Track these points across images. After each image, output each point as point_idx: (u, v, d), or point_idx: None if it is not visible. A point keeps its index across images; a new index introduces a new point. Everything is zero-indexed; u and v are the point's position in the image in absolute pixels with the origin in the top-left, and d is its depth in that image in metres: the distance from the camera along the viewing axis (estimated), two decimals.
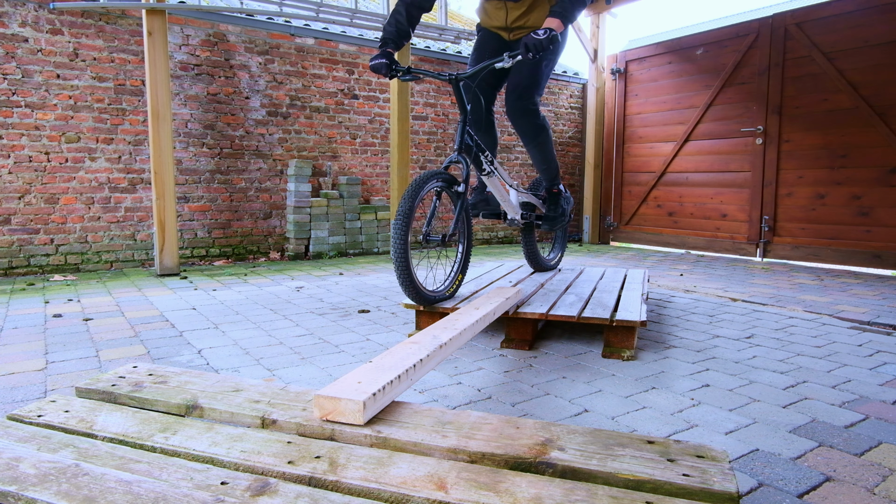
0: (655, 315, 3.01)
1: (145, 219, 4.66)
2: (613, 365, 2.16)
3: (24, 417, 1.19)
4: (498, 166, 2.73)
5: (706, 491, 0.90)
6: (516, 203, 2.90)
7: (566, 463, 0.98)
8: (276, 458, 1.00)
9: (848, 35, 4.84)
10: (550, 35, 2.27)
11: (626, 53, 6.73)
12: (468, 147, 2.48)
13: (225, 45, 4.90)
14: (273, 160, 5.23)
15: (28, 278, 4.12)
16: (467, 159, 2.46)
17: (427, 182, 2.25)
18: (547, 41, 2.27)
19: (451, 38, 5.48)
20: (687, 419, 1.65)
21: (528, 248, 3.22)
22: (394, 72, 2.50)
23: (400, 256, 2.16)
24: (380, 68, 2.49)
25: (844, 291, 3.79)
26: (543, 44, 2.27)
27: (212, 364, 2.16)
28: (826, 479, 1.31)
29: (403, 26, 2.55)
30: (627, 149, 6.79)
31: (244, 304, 3.26)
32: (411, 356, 1.42)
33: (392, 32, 2.54)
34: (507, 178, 2.81)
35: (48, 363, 2.14)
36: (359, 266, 4.85)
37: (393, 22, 2.55)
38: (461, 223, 2.47)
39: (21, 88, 4.14)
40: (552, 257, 3.45)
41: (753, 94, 5.50)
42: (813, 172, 5.12)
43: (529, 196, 3.04)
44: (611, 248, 6.71)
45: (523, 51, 2.30)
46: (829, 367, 2.16)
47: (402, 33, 2.56)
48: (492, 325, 2.68)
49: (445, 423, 1.13)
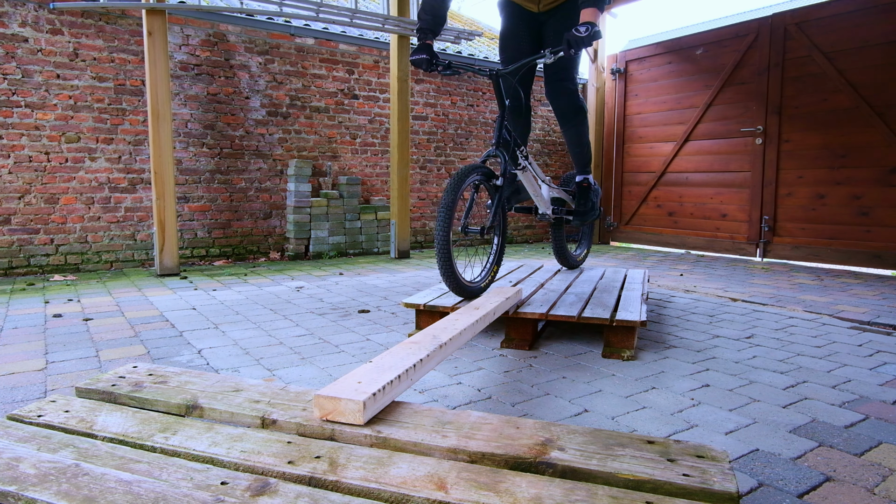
0: (655, 315, 3.01)
1: (145, 219, 4.66)
2: (613, 365, 2.16)
3: (24, 417, 1.19)
4: (532, 161, 2.75)
5: (706, 491, 0.90)
6: (548, 198, 2.91)
7: (566, 463, 0.98)
8: (276, 458, 1.00)
9: (848, 35, 4.84)
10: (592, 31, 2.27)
11: (626, 53, 6.73)
12: (506, 142, 2.50)
13: (225, 45, 4.90)
14: (273, 160, 5.23)
15: (28, 278, 4.12)
16: (505, 154, 2.49)
17: (469, 175, 2.28)
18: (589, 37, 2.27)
19: (451, 39, 5.48)
20: (687, 419, 1.65)
21: (557, 243, 3.25)
22: (434, 66, 2.46)
23: (442, 248, 2.21)
24: (420, 63, 2.45)
25: (844, 291, 3.79)
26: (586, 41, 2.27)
27: (212, 364, 2.16)
28: (826, 479, 1.31)
29: (439, 11, 2.50)
30: (627, 149, 6.79)
31: (244, 304, 3.26)
32: (411, 356, 1.42)
33: (429, 21, 2.48)
34: (539, 173, 2.83)
35: (48, 363, 2.14)
36: (359, 266, 4.85)
37: (428, 8, 2.49)
38: (498, 216, 2.51)
39: (21, 88, 4.14)
40: (578, 253, 3.48)
41: (753, 94, 5.50)
42: (813, 172, 5.12)
43: (560, 191, 3.04)
44: (611, 248, 6.71)
45: (566, 47, 2.29)
46: (829, 367, 2.16)
47: (438, 19, 2.50)
48: (492, 325, 2.68)
49: (445, 423, 1.13)
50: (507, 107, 2.50)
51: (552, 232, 3.25)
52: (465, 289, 2.38)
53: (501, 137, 2.47)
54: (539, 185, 2.82)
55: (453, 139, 6.43)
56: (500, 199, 2.46)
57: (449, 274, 2.27)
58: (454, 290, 2.36)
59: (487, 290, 2.56)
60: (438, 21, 2.51)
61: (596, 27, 2.29)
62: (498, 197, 2.46)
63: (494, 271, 2.58)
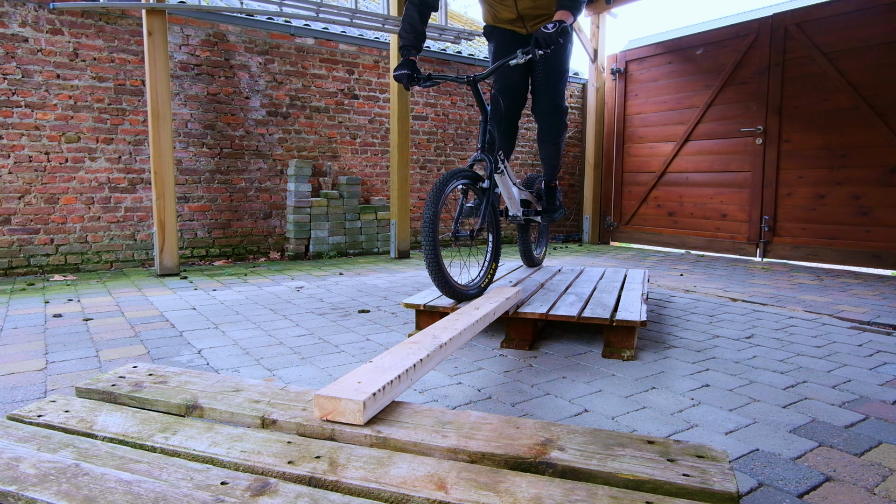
0: (655, 315, 3.01)
1: (145, 219, 4.66)
2: (613, 365, 2.16)
3: (24, 417, 1.19)
4: (508, 165, 2.78)
5: (706, 491, 0.90)
6: (518, 200, 2.94)
7: (566, 463, 0.98)
8: (276, 458, 1.00)
9: (848, 35, 4.84)
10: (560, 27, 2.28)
11: (626, 53, 6.73)
12: (490, 145, 2.54)
13: (225, 45, 4.90)
14: (273, 160, 5.23)
15: (28, 278, 4.12)
16: (490, 157, 2.53)
17: (447, 185, 2.29)
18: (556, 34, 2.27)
19: (451, 38, 5.48)
20: (687, 419, 1.65)
21: (524, 245, 3.37)
22: (416, 81, 2.52)
23: (431, 261, 2.24)
24: (401, 79, 2.52)
25: (844, 291, 3.79)
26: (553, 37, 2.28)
27: (212, 364, 2.16)
28: (826, 479, 1.31)
29: (418, 27, 2.56)
30: (627, 149, 6.79)
31: (244, 304, 3.26)
32: (411, 356, 1.42)
33: (410, 38, 2.55)
34: (513, 177, 2.86)
35: (48, 363, 2.14)
36: (359, 266, 4.85)
37: (408, 27, 2.55)
38: (489, 217, 2.54)
39: (21, 88, 4.14)
40: (539, 252, 3.61)
41: (753, 94, 5.49)
42: (813, 172, 5.12)
43: (527, 193, 3.10)
44: (611, 248, 6.71)
45: (534, 45, 2.31)
46: (829, 367, 2.15)
47: (419, 35, 2.57)
48: (492, 325, 2.68)
49: (445, 423, 1.13)
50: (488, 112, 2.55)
51: (520, 234, 3.34)
52: (462, 293, 2.39)
53: (486, 141, 2.53)
54: (512, 188, 2.85)
55: (453, 139, 6.43)
56: (489, 201, 2.50)
57: (442, 283, 2.29)
58: (449, 296, 2.37)
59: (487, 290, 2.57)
60: (419, 37, 2.57)
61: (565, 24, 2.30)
62: (487, 198, 2.49)
63: (493, 270, 2.59)
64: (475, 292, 2.46)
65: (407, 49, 2.55)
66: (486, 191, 2.49)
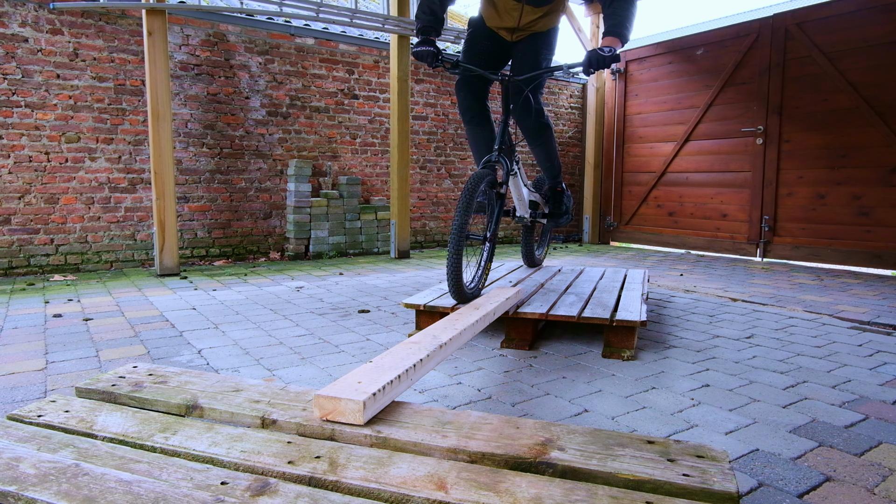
0: (655, 315, 3.01)
1: (145, 219, 4.66)
2: (613, 365, 2.16)
3: (24, 417, 1.19)
4: (520, 166, 2.77)
5: (706, 491, 0.90)
6: (528, 201, 2.93)
7: (566, 463, 0.98)
8: (276, 458, 1.00)
9: (848, 35, 4.84)
10: (614, 53, 2.25)
11: (626, 53, 6.73)
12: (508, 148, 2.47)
13: (225, 45, 4.90)
14: (273, 160, 5.23)
15: (28, 278, 4.12)
16: (506, 160, 2.45)
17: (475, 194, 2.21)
18: (611, 59, 2.25)
19: (451, 38, 5.48)
20: (687, 419, 1.65)
21: (527, 246, 3.36)
22: (439, 62, 2.36)
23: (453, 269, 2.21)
24: (425, 56, 2.33)
25: (844, 291, 3.79)
26: (608, 60, 2.24)
27: (212, 364, 2.16)
28: (826, 479, 1.31)
29: (438, 13, 2.44)
30: (627, 149, 6.79)
31: (244, 304, 3.26)
32: (411, 356, 1.42)
33: (430, 20, 2.41)
34: (524, 178, 2.84)
35: (48, 363, 2.14)
36: (359, 266, 4.85)
37: (427, 10, 2.43)
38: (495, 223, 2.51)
39: (21, 88, 4.14)
40: (539, 253, 3.61)
41: (754, 95, 5.49)
42: (813, 172, 5.12)
43: (535, 195, 3.08)
44: (611, 248, 6.71)
45: (586, 65, 2.27)
46: (829, 367, 2.15)
47: (438, 19, 2.43)
48: (492, 325, 2.68)
49: (445, 423, 1.13)
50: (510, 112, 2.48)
51: (523, 234, 3.32)
52: (468, 296, 2.39)
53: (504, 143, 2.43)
54: (522, 189, 2.83)
55: (453, 139, 6.43)
56: (501, 206, 2.46)
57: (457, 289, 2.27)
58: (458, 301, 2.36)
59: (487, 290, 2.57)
60: (438, 21, 2.46)
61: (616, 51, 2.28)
62: (500, 204, 2.45)
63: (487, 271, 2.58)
64: (475, 293, 2.47)
65: (426, 30, 2.39)
66: (502, 196, 2.43)
